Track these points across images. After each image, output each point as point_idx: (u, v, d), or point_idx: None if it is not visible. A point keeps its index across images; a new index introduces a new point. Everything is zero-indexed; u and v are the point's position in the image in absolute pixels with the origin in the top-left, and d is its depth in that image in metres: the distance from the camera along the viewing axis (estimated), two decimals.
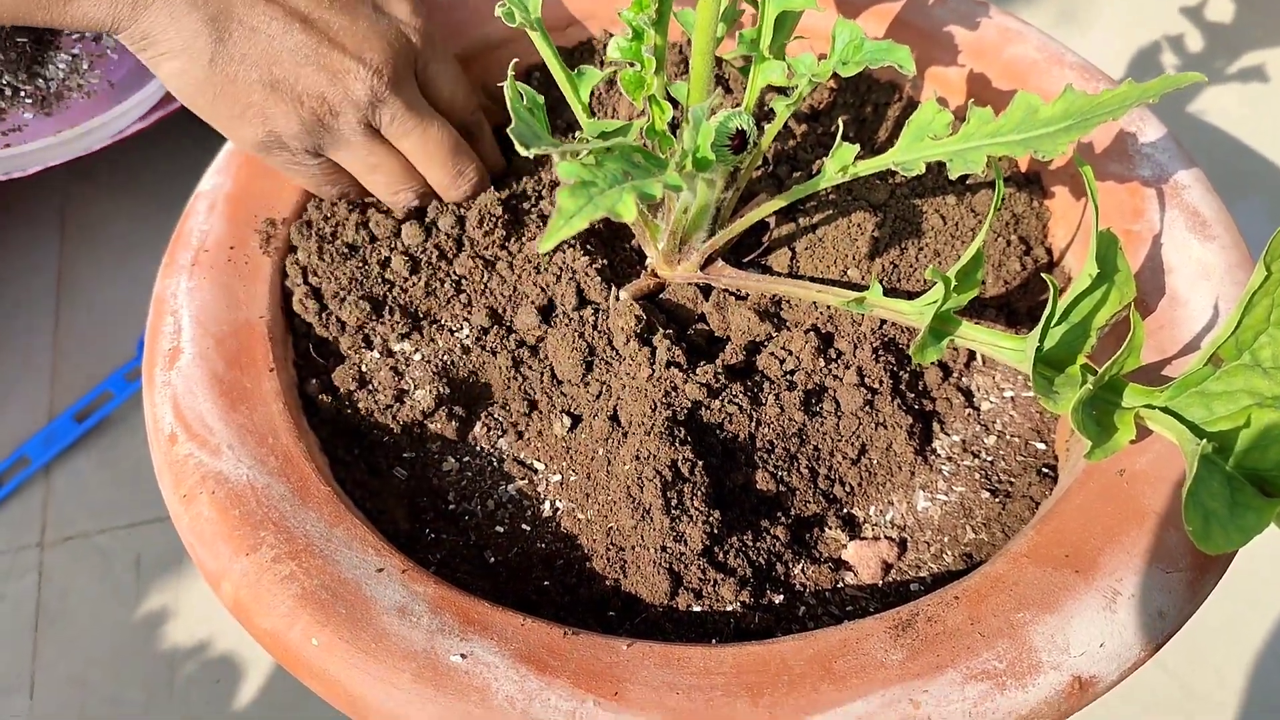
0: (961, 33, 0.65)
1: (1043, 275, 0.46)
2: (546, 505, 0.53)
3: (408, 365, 0.55)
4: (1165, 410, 0.46)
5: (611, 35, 0.69)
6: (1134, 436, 0.45)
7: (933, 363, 0.57)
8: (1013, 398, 0.57)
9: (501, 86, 0.46)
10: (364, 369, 0.54)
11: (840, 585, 0.51)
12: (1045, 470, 0.54)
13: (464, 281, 0.57)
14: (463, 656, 0.42)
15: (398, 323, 0.55)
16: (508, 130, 0.39)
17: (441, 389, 0.54)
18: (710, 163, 0.48)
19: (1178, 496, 0.46)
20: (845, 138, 0.66)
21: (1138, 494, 0.47)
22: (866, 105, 0.68)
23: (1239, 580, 0.83)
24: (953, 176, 0.47)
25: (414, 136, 0.58)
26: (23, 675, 0.79)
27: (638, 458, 0.50)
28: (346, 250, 0.57)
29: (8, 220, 1.04)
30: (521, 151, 0.39)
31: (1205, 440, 0.43)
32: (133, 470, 0.88)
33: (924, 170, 0.50)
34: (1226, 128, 1.15)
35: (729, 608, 0.48)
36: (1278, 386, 0.45)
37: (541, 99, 0.48)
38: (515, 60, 0.45)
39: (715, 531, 0.49)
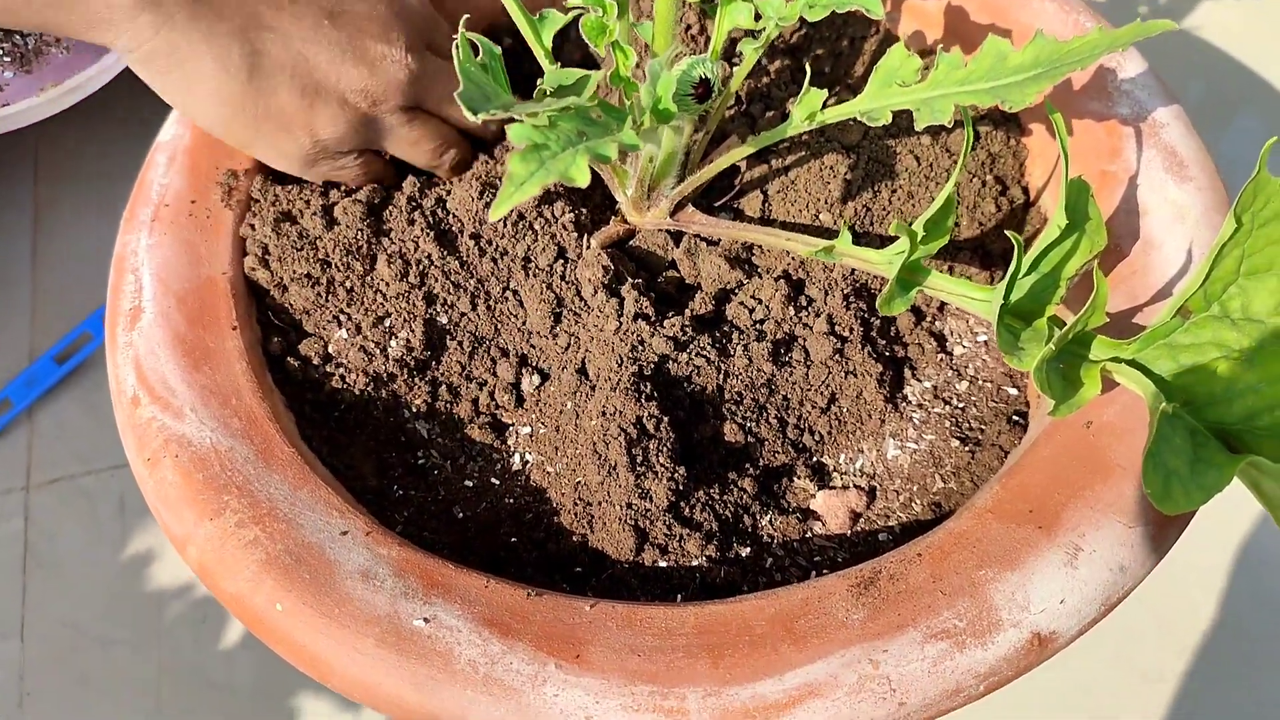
0: None
1: (1007, 233, 0.45)
2: (516, 458, 0.53)
3: (378, 335, 0.54)
4: (1132, 363, 0.46)
5: None
6: (1100, 391, 0.45)
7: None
8: (986, 341, 0.57)
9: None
10: (330, 345, 0.54)
11: (808, 535, 0.51)
12: (1016, 418, 0.53)
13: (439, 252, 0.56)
14: (426, 621, 0.42)
15: (364, 303, 0.55)
16: (455, 95, 0.38)
17: (413, 350, 0.53)
18: (672, 114, 0.47)
19: (1142, 450, 0.46)
20: (818, 77, 0.65)
21: (1103, 447, 0.46)
22: (842, 39, 0.66)
23: (1208, 514, 0.83)
24: (919, 127, 0.46)
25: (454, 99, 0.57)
26: (13, 619, 0.80)
27: (604, 414, 0.50)
28: (301, 239, 0.56)
29: None
30: (469, 117, 0.38)
31: (1169, 401, 0.43)
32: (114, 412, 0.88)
33: (891, 120, 0.49)
34: (1224, 45, 1.13)
35: (695, 562, 0.48)
36: (1246, 339, 0.45)
37: (499, 49, 0.47)
38: (466, 16, 0.43)
39: (681, 487, 0.48)
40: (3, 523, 0.84)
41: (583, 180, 0.38)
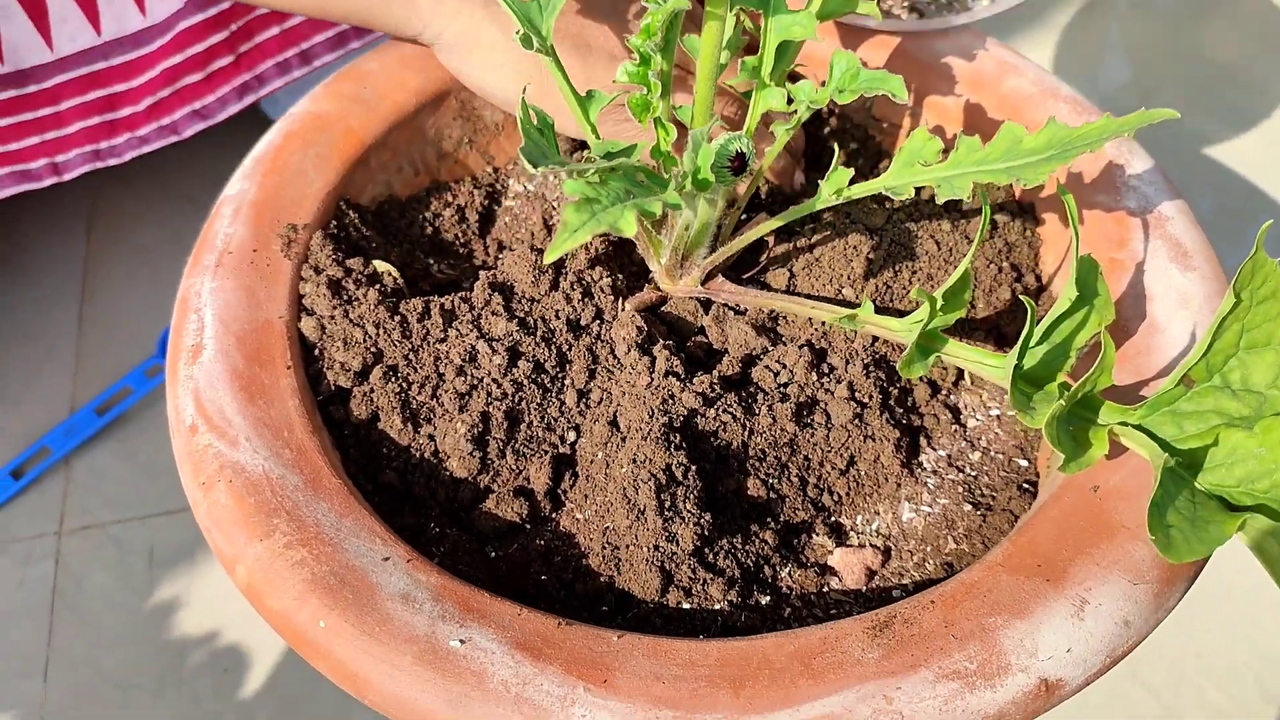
0: (961, 64, 0.68)
1: (1020, 297, 0.48)
2: (547, 504, 0.55)
3: (424, 395, 0.57)
4: (1138, 428, 0.48)
5: None
6: (1107, 451, 0.48)
7: (922, 380, 0.59)
8: (998, 415, 0.59)
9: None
10: (375, 397, 0.56)
11: (825, 589, 0.53)
12: (1026, 486, 0.56)
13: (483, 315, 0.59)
14: (462, 642, 0.45)
15: (411, 361, 0.58)
16: (518, 150, 0.42)
17: (455, 407, 0.56)
18: (710, 183, 0.50)
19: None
20: (843, 162, 0.68)
21: (1109, 509, 0.49)
22: (870, 130, 0.70)
23: (1219, 602, 0.85)
24: (940, 201, 0.49)
25: None
26: (38, 659, 0.82)
27: (634, 461, 0.52)
28: (351, 303, 0.59)
29: (37, 219, 1.07)
30: (529, 170, 0.41)
31: (1170, 454, 0.46)
32: (149, 464, 0.91)
33: (914, 195, 0.52)
34: (1232, 163, 1.17)
35: (717, 606, 0.50)
36: (1246, 408, 0.47)
37: (551, 120, 0.51)
38: (527, 85, 0.47)
39: (706, 533, 0.51)
40: (34, 565, 0.86)
41: (630, 231, 0.42)
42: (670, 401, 0.55)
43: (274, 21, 0.90)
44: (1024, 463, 0.57)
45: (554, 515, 0.55)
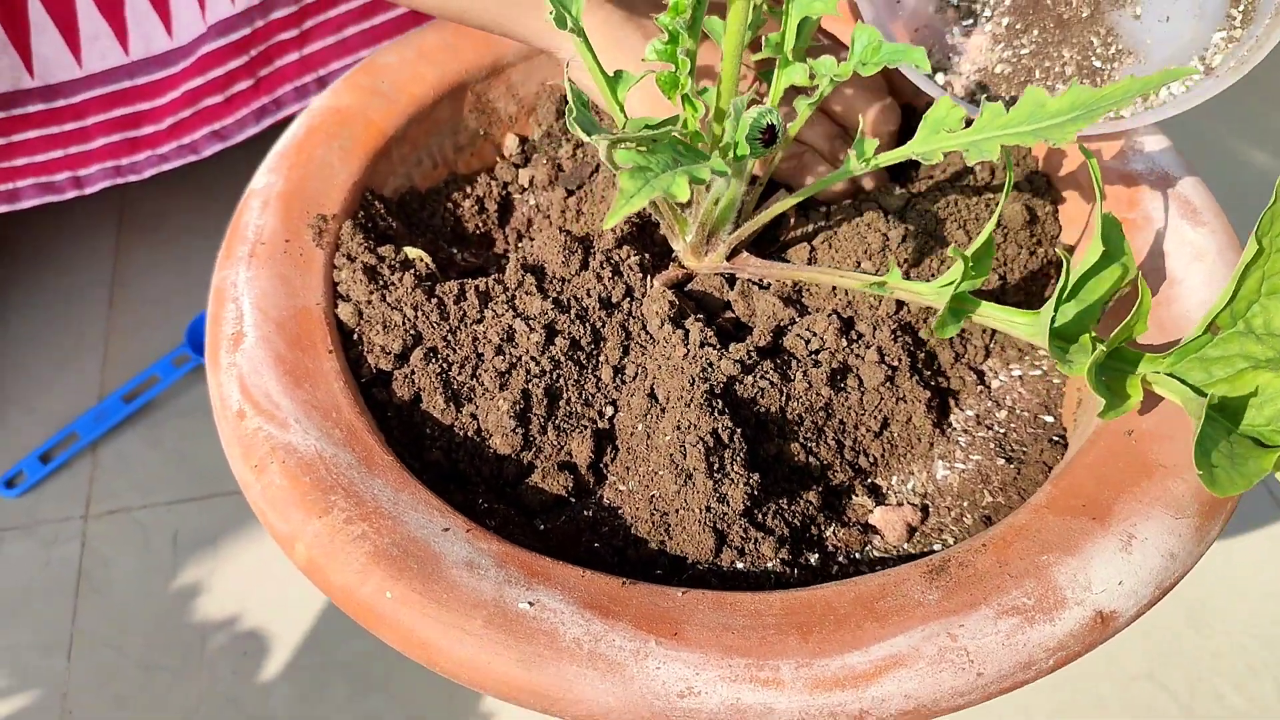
0: None
1: (1055, 249, 0.50)
2: (590, 478, 0.56)
3: (464, 376, 0.58)
4: (1169, 375, 0.50)
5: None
6: (1142, 398, 0.49)
7: (946, 345, 0.61)
8: (1020, 376, 0.61)
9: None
10: (416, 379, 0.57)
11: (869, 546, 0.54)
12: (1055, 438, 0.57)
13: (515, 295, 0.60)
14: (530, 604, 0.45)
15: (450, 342, 0.58)
16: (568, 120, 0.43)
17: (494, 386, 0.57)
18: (744, 153, 0.52)
19: (1184, 450, 0.50)
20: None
21: (1146, 450, 0.50)
22: None
23: (1236, 602, 0.87)
24: (969, 163, 0.51)
25: None
26: (62, 638, 0.84)
27: (679, 428, 0.53)
28: (386, 289, 0.60)
29: (69, 209, 1.10)
30: (582, 138, 0.42)
31: (1208, 396, 0.47)
32: (175, 451, 0.95)
33: (932, 177, 0.53)
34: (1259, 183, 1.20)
35: (769, 565, 0.51)
36: (1270, 350, 0.49)
37: (588, 98, 0.52)
38: (567, 60, 0.48)
39: (755, 493, 0.52)
40: (60, 547, 0.88)
41: (684, 195, 0.43)
42: (709, 369, 0.56)
43: (292, 48, 0.92)
44: (1049, 418, 0.59)
45: (598, 488, 0.56)
